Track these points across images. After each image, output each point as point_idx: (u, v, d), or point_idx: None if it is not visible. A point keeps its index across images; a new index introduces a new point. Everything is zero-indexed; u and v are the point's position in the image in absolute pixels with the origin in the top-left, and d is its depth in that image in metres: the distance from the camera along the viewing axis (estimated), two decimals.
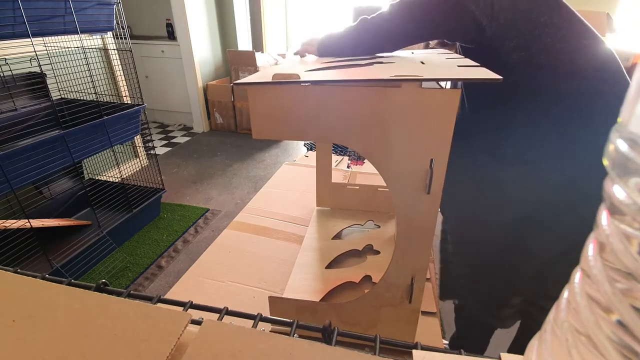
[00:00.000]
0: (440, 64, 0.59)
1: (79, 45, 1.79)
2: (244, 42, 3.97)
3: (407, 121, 0.47)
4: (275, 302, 0.65)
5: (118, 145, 2.01)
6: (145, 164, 2.82)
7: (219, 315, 0.35)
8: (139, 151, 2.86)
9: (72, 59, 1.91)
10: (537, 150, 0.73)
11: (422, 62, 0.60)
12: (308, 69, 0.57)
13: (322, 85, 0.48)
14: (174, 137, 3.69)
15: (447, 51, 0.80)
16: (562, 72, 0.68)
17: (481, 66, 0.51)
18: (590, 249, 0.14)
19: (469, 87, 0.79)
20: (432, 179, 0.49)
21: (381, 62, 0.61)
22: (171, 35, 3.60)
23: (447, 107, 0.45)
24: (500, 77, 0.41)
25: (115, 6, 1.76)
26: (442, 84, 0.56)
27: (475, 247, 0.91)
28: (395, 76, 0.44)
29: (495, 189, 0.81)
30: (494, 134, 0.78)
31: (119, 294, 0.35)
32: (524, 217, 0.78)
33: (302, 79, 0.47)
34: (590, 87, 0.68)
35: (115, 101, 2.20)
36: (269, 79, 0.48)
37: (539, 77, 0.69)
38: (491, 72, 0.45)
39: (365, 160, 1.63)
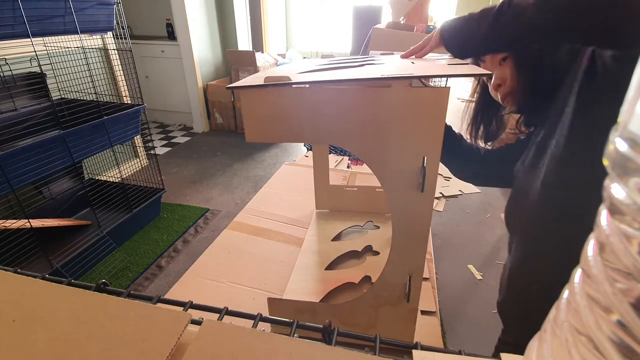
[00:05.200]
0: (431, 63, 0.59)
1: (79, 45, 1.79)
2: (244, 42, 3.97)
3: (399, 120, 0.47)
4: (275, 303, 0.65)
5: (118, 145, 2.01)
6: (145, 164, 2.82)
7: (219, 315, 0.35)
8: (139, 151, 2.86)
9: (72, 59, 1.90)
10: None
11: (413, 62, 0.60)
12: (300, 71, 0.57)
13: (315, 87, 0.48)
14: (174, 137, 3.69)
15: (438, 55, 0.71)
16: None
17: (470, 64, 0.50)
18: (590, 249, 0.14)
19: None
20: (425, 176, 0.49)
21: (372, 64, 0.61)
22: (171, 35, 3.60)
23: (437, 105, 0.46)
24: (491, 72, 0.40)
25: (115, 6, 1.76)
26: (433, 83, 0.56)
27: None
28: (386, 75, 0.45)
29: None
30: None
31: (119, 294, 0.35)
32: None
33: (293, 81, 0.47)
34: None
35: (115, 101, 2.20)
36: (262, 82, 0.48)
37: None
38: (480, 69, 0.45)
39: None
